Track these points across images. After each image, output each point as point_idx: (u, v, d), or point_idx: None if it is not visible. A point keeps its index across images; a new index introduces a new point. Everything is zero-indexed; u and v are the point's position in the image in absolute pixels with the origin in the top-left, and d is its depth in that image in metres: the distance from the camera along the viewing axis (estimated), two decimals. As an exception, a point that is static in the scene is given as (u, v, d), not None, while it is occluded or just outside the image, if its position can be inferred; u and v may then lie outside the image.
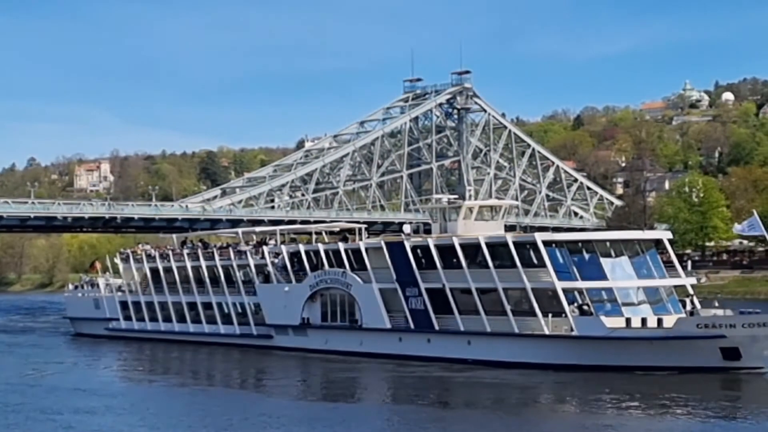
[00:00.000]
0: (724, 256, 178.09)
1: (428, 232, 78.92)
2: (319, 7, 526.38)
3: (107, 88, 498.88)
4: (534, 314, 63.92)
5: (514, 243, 65.85)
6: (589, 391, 55.95)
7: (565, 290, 62.93)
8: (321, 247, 78.34)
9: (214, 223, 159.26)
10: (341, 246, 76.82)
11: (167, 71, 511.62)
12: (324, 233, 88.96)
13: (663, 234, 69.62)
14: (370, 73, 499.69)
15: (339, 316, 76.29)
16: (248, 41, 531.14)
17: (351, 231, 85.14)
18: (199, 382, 69.10)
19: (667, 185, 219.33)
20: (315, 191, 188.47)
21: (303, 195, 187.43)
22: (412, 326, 70.78)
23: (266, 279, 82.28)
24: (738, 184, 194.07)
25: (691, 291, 66.34)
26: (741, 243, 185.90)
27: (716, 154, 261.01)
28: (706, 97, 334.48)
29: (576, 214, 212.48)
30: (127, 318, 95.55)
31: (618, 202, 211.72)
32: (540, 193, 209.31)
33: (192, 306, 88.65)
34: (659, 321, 60.49)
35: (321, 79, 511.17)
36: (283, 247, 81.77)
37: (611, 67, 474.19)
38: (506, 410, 52.35)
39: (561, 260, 63.89)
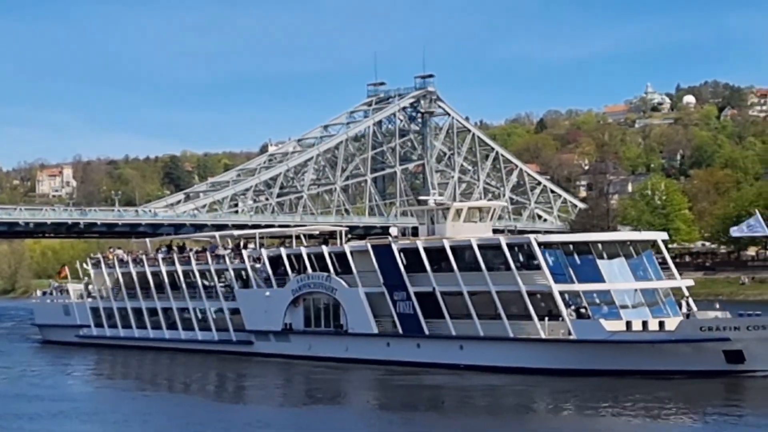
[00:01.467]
0: (687, 258, 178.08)
1: (414, 235, 77.11)
2: (282, 11, 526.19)
3: (70, 91, 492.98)
4: (529, 318, 62.28)
5: (508, 245, 64.30)
6: (588, 396, 54.45)
7: (561, 293, 61.40)
8: (304, 251, 76.40)
9: (177, 228, 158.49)
10: (325, 249, 75.01)
11: (131, 75, 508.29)
12: (303, 236, 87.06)
13: (658, 235, 68.24)
14: (333, 76, 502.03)
15: (323, 322, 74.34)
16: (211, 45, 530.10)
17: (332, 235, 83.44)
18: (175, 389, 67.19)
19: (630, 188, 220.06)
20: (279, 195, 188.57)
21: (267, 199, 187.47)
22: (400, 331, 69.00)
23: (245, 284, 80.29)
24: (700, 187, 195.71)
25: (686, 293, 65.00)
26: (703, 245, 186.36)
27: (678, 157, 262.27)
28: (668, 100, 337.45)
29: (540, 217, 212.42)
30: (99, 324, 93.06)
31: (581, 205, 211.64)
32: (504, 196, 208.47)
33: (167, 312, 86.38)
34: (661, 324, 59.19)
35: (285, 83, 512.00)
36: (263, 250, 79.80)
37: (574, 71, 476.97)
38: (502, 416, 51.06)
39: (557, 262, 62.34)
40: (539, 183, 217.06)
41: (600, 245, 63.91)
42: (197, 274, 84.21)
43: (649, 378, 57.68)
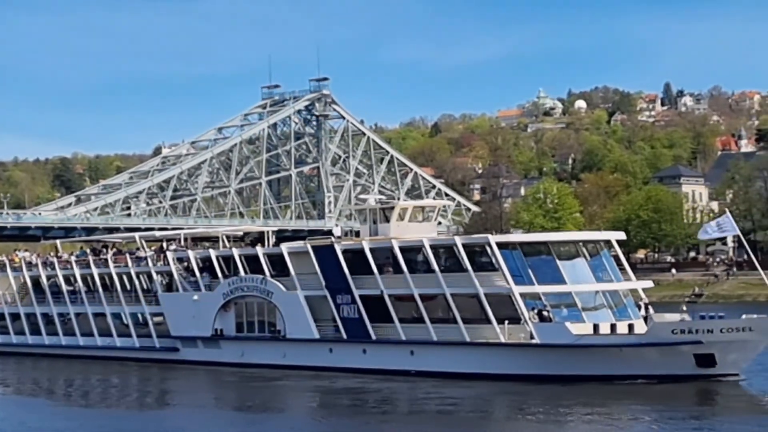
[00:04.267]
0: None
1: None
2: (176, 12, 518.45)
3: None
4: (487, 321, 59.27)
5: (464, 245, 61.43)
6: (549, 402, 51.86)
7: (522, 295, 58.75)
8: (236, 252, 72.49)
9: (68, 231, 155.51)
10: (260, 250, 71.26)
11: (19, 75, 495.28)
12: (224, 238, 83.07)
13: (615, 234, 65.74)
14: (227, 79, 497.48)
15: (257, 327, 70.52)
16: (104, 46, 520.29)
17: (260, 237, 79.81)
18: (90, 400, 62.96)
19: (522, 191, 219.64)
20: (172, 198, 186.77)
21: (160, 202, 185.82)
22: (344, 336, 65.54)
23: (169, 287, 76.30)
24: (590, 190, 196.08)
25: (643, 295, 62.78)
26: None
27: (570, 161, 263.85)
28: (560, 105, 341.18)
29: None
30: (3, 332, 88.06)
31: (475, 208, 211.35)
32: (399, 199, 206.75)
33: (81, 317, 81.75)
34: (630, 327, 56.91)
35: (178, 86, 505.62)
36: (190, 252, 75.69)
37: (467, 75, 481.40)
38: (456, 423, 48.58)
39: (516, 263, 59.58)
40: (434, 186, 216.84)
41: (559, 245, 61.47)
42: (115, 277, 79.84)
43: (615, 383, 55.47)
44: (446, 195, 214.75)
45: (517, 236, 65.72)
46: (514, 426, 48.97)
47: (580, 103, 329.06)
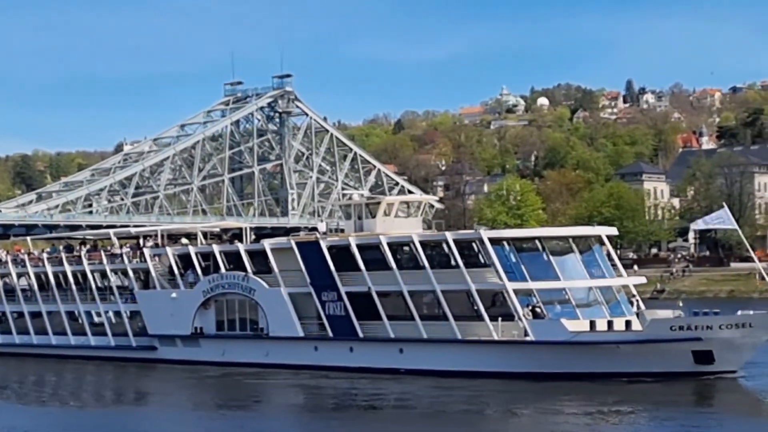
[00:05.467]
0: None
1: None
2: (138, 9, 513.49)
3: None
4: (479, 318, 58.29)
5: (455, 241, 60.25)
6: (543, 400, 51.20)
7: (516, 292, 57.59)
8: (216, 249, 70.86)
9: (29, 229, 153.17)
10: (241, 247, 69.77)
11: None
12: (201, 234, 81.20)
13: (607, 230, 64.65)
14: (190, 76, 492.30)
15: (239, 325, 69.12)
16: (64, 43, 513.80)
17: (237, 233, 78.20)
18: (63, 400, 61.50)
19: (486, 188, 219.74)
20: (135, 195, 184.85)
21: (122, 199, 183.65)
22: (330, 334, 64.25)
23: (146, 284, 74.67)
24: (553, 187, 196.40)
25: (634, 291, 61.86)
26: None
27: (532, 158, 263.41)
28: (523, 102, 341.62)
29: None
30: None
31: (438, 205, 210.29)
32: (362, 196, 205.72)
33: (54, 316, 79.86)
34: (627, 323, 55.94)
35: (140, 83, 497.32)
36: (168, 249, 74.09)
37: (430, 72, 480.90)
38: (448, 421, 47.76)
39: (509, 259, 58.55)
40: (397, 183, 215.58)
41: (552, 240, 60.48)
42: (89, 275, 78.06)
43: (611, 381, 54.51)
44: (409, 192, 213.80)
45: (509, 231, 65.01)
46: (507, 425, 48.04)
47: (543, 101, 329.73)
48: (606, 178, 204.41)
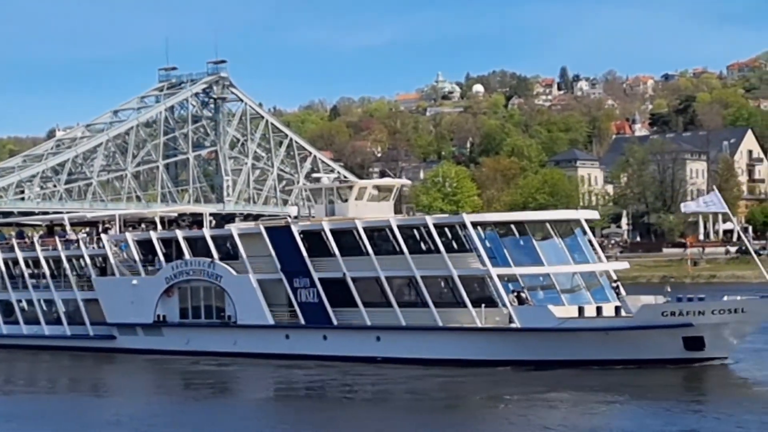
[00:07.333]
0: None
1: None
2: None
3: None
4: (460, 305, 56.78)
5: (436, 225, 58.63)
6: (527, 388, 49.96)
7: (500, 277, 55.97)
8: (180, 234, 68.62)
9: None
10: (207, 232, 67.67)
11: None
12: (158, 219, 78.57)
13: (584, 213, 63.13)
14: (123, 61, 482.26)
15: (204, 313, 67.04)
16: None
17: (197, 218, 76.01)
18: (15, 389, 59.75)
19: (422, 175, 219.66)
20: (67, 182, 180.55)
21: (55, 186, 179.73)
22: (302, 321, 62.34)
23: (103, 271, 72.14)
24: (488, 174, 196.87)
25: (614, 277, 60.44)
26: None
27: (468, 145, 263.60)
28: (458, 89, 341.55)
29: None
30: None
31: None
32: (298, 183, 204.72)
33: (5, 305, 77.23)
34: (617, 309, 54.75)
35: (72, 68, 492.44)
36: (128, 234, 71.62)
37: (366, 59, 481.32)
38: (426, 410, 46.51)
39: (492, 244, 57.06)
40: (333, 170, 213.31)
41: (535, 224, 59.06)
42: (43, 262, 75.27)
43: (598, 368, 53.42)
44: (345, 178, 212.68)
45: (492, 215, 63.50)
46: (491, 414, 46.43)
47: (478, 87, 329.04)
48: (540, 165, 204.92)
